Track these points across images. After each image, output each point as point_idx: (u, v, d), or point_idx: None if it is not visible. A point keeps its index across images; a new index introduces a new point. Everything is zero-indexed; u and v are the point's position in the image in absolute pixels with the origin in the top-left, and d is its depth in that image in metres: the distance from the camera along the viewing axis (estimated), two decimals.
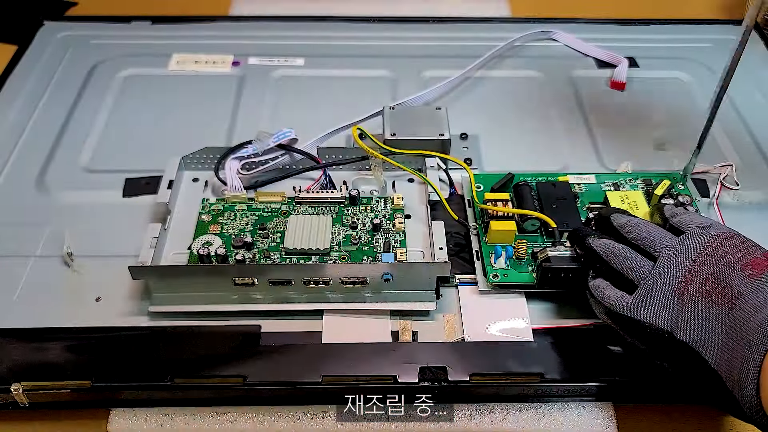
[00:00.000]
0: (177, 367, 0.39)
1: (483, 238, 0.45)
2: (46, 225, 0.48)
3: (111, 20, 0.69)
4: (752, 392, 0.30)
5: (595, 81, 0.63)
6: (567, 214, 0.45)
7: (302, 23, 0.70)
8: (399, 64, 0.64)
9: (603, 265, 0.38)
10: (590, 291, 0.38)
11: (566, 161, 0.54)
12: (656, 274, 0.35)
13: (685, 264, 0.35)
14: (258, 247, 0.45)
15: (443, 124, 0.52)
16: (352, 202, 0.47)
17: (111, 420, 0.40)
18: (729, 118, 0.59)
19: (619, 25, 0.70)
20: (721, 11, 0.78)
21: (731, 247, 0.35)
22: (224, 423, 0.40)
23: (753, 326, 0.31)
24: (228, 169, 0.49)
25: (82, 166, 0.53)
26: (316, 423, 0.40)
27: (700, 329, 0.33)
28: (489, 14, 0.74)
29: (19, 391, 0.38)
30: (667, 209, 0.40)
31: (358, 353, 0.40)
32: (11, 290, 0.44)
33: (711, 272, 0.34)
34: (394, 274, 0.41)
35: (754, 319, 0.31)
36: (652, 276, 0.35)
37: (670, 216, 0.39)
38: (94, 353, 0.40)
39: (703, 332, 0.33)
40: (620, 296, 0.36)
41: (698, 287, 0.34)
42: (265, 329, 0.42)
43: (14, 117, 0.58)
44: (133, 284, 0.44)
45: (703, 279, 0.34)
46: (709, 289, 0.33)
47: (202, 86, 0.62)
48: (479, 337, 0.41)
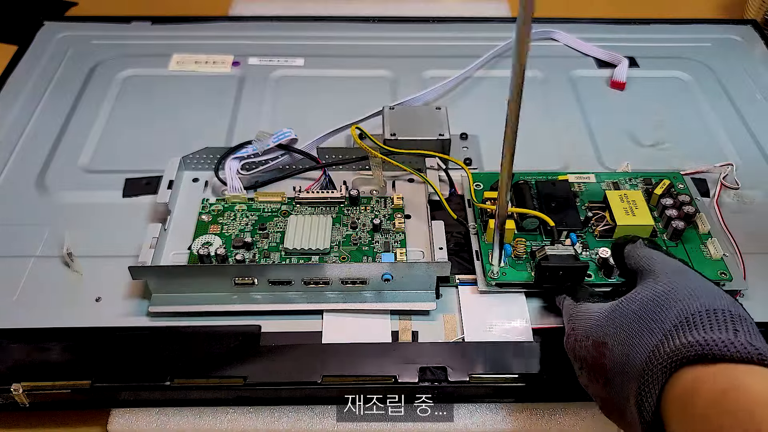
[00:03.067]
0: (177, 367, 0.39)
1: (482, 237, 0.45)
2: (46, 225, 0.48)
3: (111, 20, 0.69)
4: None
5: (595, 81, 0.63)
6: (566, 213, 0.46)
7: (302, 23, 0.70)
8: (399, 64, 0.64)
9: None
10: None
11: (566, 161, 0.54)
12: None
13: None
14: (258, 247, 0.45)
15: (443, 124, 0.52)
16: (352, 202, 0.47)
17: (111, 420, 0.40)
18: (729, 118, 0.59)
19: (619, 25, 0.70)
20: (721, 11, 0.78)
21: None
22: (224, 423, 0.40)
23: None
24: (228, 169, 0.49)
25: (82, 166, 0.53)
26: (316, 423, 0.40)
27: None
28: (489, 14, 0.74)
29: (19, 391, 0.38)
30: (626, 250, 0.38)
31: (358, 353, 0.40)
32: (11, 290, 0.44)
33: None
34: (394, 274, 0.41)
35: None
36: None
37: (626, 257, 0.37)
38: (94, 353, 0.40)
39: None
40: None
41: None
42: (265, 329, 0.42)
43: (14, 117, 0.58)
44: (133, 284, 0.44)
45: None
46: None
47: (202, 86, 0.62)
48: (479, 337, 0.41)
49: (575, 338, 0.35)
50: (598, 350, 0.33)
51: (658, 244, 0.38)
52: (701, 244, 0.45)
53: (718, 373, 0.27)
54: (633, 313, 0.32)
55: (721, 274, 0.43)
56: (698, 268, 0.43)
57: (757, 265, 0.45)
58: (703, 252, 0.44)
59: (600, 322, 0.34)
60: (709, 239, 0.45)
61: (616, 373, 0.31)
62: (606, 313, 0.34)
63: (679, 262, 0.35)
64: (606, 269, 0.42)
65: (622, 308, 0.33)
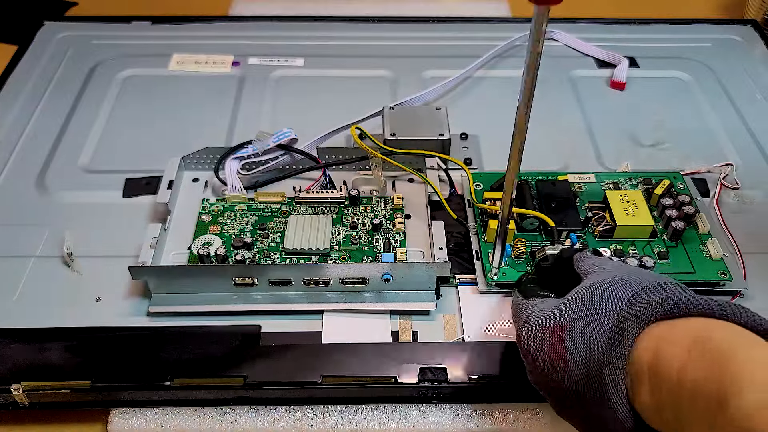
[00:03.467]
0: (177, 367, 0.39)
1: (482, 237, 0.45)
2: (46, 225, 0.48)
3: (111, 20, 0.69)
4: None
5: (595, 81, 0.63)
6: (566, 214, 0.46)
7: (302, 23, 0.70)
8: (399, 64, 0.64)
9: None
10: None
11: (566, 161, 0.54)
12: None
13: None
14: (258, 247, 0.45)
15: (443, 124, 0.52)
16: (352, 202, 0.47)
17: (111, 420, 0.40)
18: (729, 118, 0.59)
19: (619, 25, 0.70)
20: (721, 11, 0.78)
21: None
22: (224, 423, 0.40)
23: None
24: (228, 169, 0.49)
25: (82, 166, 0.53)
26: (316, 423, 0.40)
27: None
28: (489, 14, 0.74)
29: (19, 391, 0.38)
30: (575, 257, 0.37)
31: (358, 353, 0.40)
32: (11, 290, 0.44)
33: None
34: (394, 274, 0.41)
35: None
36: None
37: (576, 262, 0.37)
38: (94, 353, 0.40)
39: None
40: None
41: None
42: (265, 329, 0.42)
43: (14, 117, 0.58)
44: (133, 284, 0.44)
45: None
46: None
47: (202, 86, 0.62)
48: (479, 337, 0.41)
49: (528, 330, 0.34)
50: (556, 335, 0.32)
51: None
52: (701, 244, 0.45)
53: (687, 326, 0.28)
54: (591, 295, 0.32)
55: (721, 274, 0.43)
56: (698, 268, 0.43)
57: (757, 265, 0.45)
58: (703, 252, 0.44)
59: (556, 310, 0.33)
60: (709, 239, 0.45)
61: (577, 352, 0.30)
62: (560, 302, 0.34)
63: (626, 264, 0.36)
64: None
65: (577, 295, 0.33)
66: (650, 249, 0.44)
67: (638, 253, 0.44)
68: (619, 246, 0.44)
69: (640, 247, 0.45)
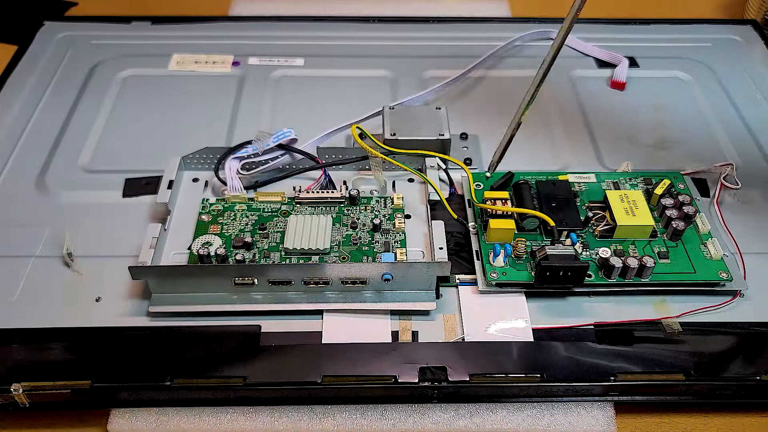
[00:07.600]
0: (177, 367, 0.39)
1: (482, 237, 0.45)
2: (46, 225, 0.48)
3: (111, 20, 0.69)
4: None
5: (595, 81, 0.63)
6: (566, 213, 0.46)
7: (302, 23, 0.70)
8: (399, 64, 0.64)
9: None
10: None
11: (566, 160, 0.54)
12: None
13: None
14: (258, 247, 0.45)
15: (443, 124, 0.52)
16: (352, 202, 0.47)
17: (111, 420, 0.40)
18: (729, 118, 0.59)
19: (619, 24, 0.70)
20: (721, 11, 0.78)
21: None
22: (224, 423, 0.40)
23: None
24: (228, 169, 0.49)
25: (82, 166, 0.53)
26: (316, 423, 0.40)
27: None
28: (489, 14, 0.74)
29: (19, 391, 0.38)
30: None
31: (358, 353, 0.40)
32: (11, 290, 0.44)
33: None
34: (394, 274, 0.41)
35: None
36: None
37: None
38: (94, 353, 0.40)
39: None
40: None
41: None
42: (265, 329, 0.42)
43: (14, 117, 0.58)
44: (133, 284, 0.44)
45: None
46: None
47: (202, 86, 0.62)
48: (479, 337, 0.41)
49: None
50: None
51: None
52: (701, 244, 0.45)
53: None
54: None
55: (721, 274, 0.43)
56: (698, 268, 0.43)
57: (757, 265, 0.45)
58: (703, 252, 0.44)
59: None
60: (709, 239, 0.45)
61: None
62: None
63: None
64: (606, 269, 0.42)
65: None
66: (650, 249, 0.44)
67: (638, 253, 0.44)
68: (619, 246, 0.44)
69: (640, 247, 0.45)
